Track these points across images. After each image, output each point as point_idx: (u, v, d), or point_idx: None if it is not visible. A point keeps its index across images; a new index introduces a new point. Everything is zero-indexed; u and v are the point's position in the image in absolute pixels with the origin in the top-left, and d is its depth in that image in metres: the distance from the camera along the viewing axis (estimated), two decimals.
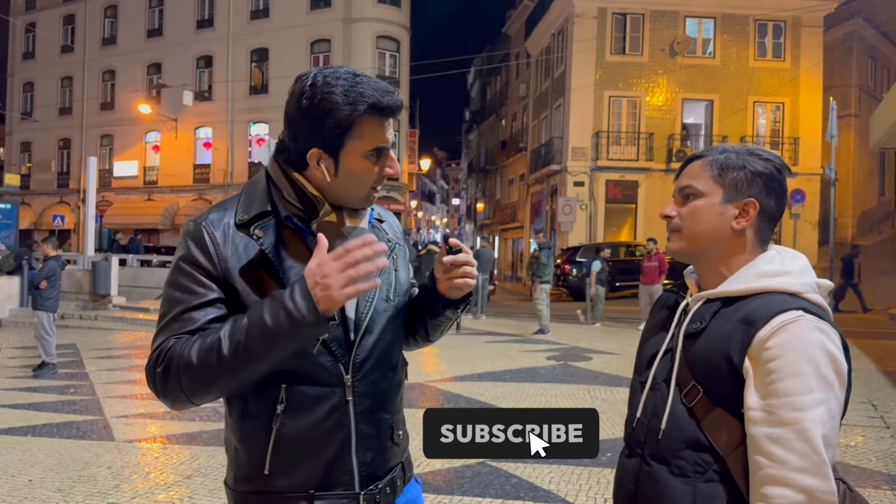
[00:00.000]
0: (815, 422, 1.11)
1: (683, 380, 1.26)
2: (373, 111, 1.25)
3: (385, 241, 1.43)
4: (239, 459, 1.32)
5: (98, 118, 32.03)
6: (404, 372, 1.49)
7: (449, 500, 4.06)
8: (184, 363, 1.19)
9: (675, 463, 1.24)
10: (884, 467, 4.72)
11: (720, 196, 1.31)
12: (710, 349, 1.23)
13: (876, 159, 29.98)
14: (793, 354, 1.14)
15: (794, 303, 1.20)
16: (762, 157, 1.33)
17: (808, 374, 1.13)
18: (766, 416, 1.14)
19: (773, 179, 1.32)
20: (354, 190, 1.32)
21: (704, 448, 1.21)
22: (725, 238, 1.31)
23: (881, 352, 9.92)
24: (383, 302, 1.37)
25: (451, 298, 1.40)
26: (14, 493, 4.22)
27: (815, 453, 1.10)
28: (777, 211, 1.33)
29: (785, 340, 1.15)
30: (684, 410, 1.24)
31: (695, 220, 1.32)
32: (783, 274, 1.25)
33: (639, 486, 1.30)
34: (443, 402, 6.70)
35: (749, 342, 1.18)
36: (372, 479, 1.34)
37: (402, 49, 27.25)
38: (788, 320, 1.17)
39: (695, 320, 1.29)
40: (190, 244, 1.28)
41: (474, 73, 47.62)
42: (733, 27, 23.25)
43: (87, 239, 17.50)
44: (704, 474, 1.21)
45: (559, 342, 10.80)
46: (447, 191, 79.20)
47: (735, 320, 1.22)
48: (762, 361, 1.16)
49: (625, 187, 23.22)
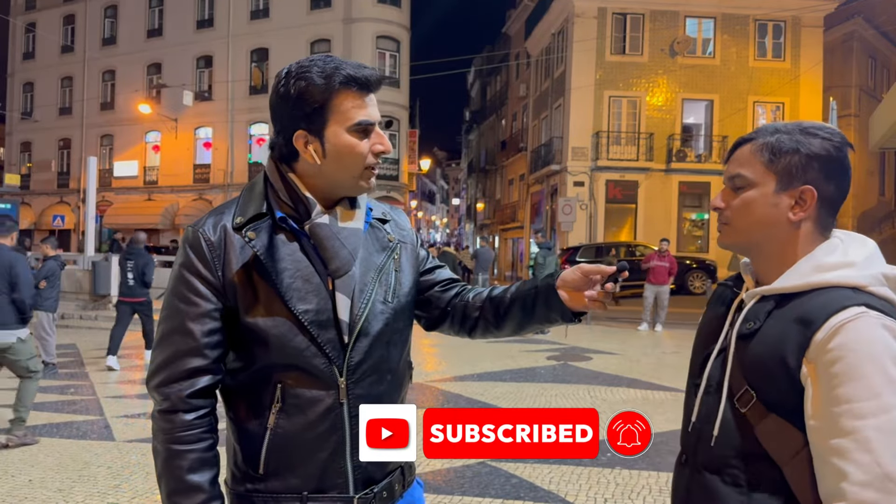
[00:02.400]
0: (879, 430, 1.00)
1: (736, 384, 1.16)
2: (350, 84, 1.26)
3: (386, 242, 1.42)
4: (236, 459, 1.34)
5: (98, 118, 32.02)
6: (409, 374, 1.47)
7: (449, 500, 4.06)
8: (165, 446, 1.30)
9: (727, 472, 1.15)
10: None
11: (773, 185, 1.18)
12: (764, 352, 1.13)
13: (876, 159, 29.97)
14: (853, 356, 1.03)
15: (856, 298, 1.08)
16: (819, 136, 1.18)
17: (871, 377, 1.02)
18: (827, 426, 1.04)
19: (831, 160, 1.17)
20: (346, 170, 1.31)
21: (759, 457, 1.12)
22: (781, 230, 1.19)
23: None
24: (380, 304, 1.35)
25: (575, 309, 1.39)
26: (14, 493, 4.22)
27: (877, 465, 0.99)
28: (840, 196, 1.19)
29: (845, 341, 1.04)
30: (737, 417, 1.15)
31: (746, 213, 1.21)
32: (845, 266, 1.13)
33: (689, 495, 1.23)
34: (443, 402, 6.70)
35: (806, 345, 1.08)
36: (368, 482, 1.33)
37: (402, 49, 27.24)
38: (848, 318, 1.05)
39: (748, 320, 1.18)
40: (188, 251, 1.30)
41: (474, 73, 47.61)
42: (733, 27, 23.25)
43: (87, 239, 17.50)
44: (759, 484, 1.12)
45: (559, 342, 10.80)
46: (447, 191, 79.18)
47: (790, 320, 1.11)
48: (822, 365, 1.05)
49: (625, 187, 23.21)
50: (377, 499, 1.34)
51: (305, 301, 1.28)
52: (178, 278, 1.30)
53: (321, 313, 1.28)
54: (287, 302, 1.26)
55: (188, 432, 1.27)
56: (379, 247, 1.41)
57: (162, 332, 1.30)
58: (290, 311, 1.26)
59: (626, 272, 1.33)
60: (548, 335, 11.61)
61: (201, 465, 1.27)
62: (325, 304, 1.29)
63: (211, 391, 1.31)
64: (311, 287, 1.29)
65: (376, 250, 1.40)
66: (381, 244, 1.42)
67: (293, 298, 1.27)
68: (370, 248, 1.39)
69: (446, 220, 76.63)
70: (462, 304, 1.51)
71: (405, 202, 28.54)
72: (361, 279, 1.34)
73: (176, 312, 1.28)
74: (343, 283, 1.31)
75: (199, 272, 1.28)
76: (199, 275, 1.28)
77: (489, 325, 1.49)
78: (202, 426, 1.28)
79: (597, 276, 1.34)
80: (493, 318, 1.48)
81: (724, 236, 1.27)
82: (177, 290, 1.29)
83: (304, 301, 1.28)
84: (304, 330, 1.27)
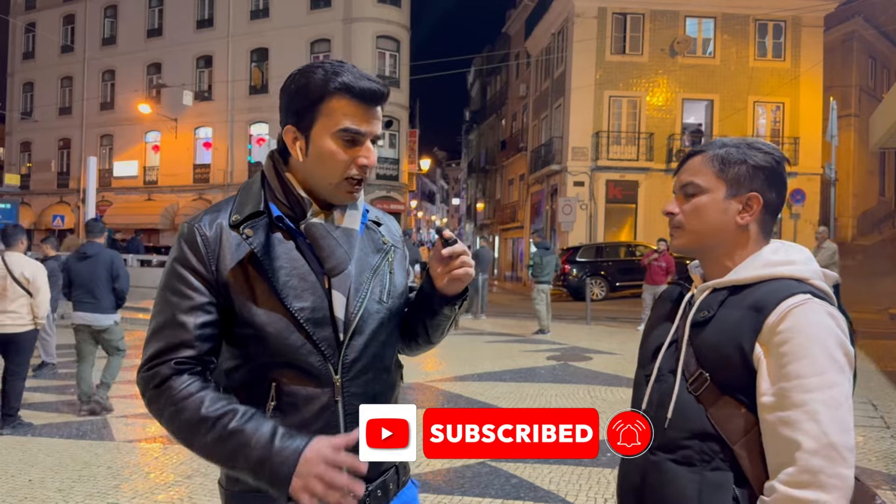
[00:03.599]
0: (825, 403, 1.10)
1: (690, 369, 1.25)
2: (345, 91, 1.26)
3: (380, 244, 1.44)
4: None
5: (98, 118, 32.03)
6: (399, 374, 1.49)
7: (449, 500, 4.06)
8: (170, 412, 1.23)
9: (680, 452, 1.23)
10: (884, 467, 4.72)
11: (723, 192, 1.31)
12: (720, 337, 1.22)
13: (876, 159, 29.98)
14: (802, 337, 1.14)
15: (802, 287, 1.21)
16: (763, 150, 1.32)
17: (818, 356, 1.13)
18: (778, 401, 1.13)
19: (774, 172, 1.32)
20: (325, 176, 1.31)
21: (711, 437, 1.20)
22: (730, 233, 1.31)
23: (881, 352, 9.92)
24: (375, 303, 1.37)
25: (450, 294, 1.39)
26: (14, 493, 4.22)
27: (824, 435, 1.09)
28: (779, 203, 1.33)
29: (794, 323, 1.15)
30: (691, 399, 1.24)
31: (698, 217, 1.32)
32: (789, 263, 1.26)
33: (645, 478, 1.28)
34: (443, 402, 6.70)
35: (759, 328, 1.18)
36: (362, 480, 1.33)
37: (402, 49, 27.24)
38: (796, 303, 1.17)
39: (702, 309, 1.28)
40: (183, 246, 1.30)
41: (474, 73, 47.61)
42: (733, 27, 23.25)
43: None
44: (711, 462, 1.20)
45: (559, 342, 10.80)
46: (447, 191, 79.19)
47: (744, 308, 1.22)
48: (773, 346, 1.16)
49: (625, 187, 23.21)
50: (371, 497, 1.34)
51: (301, 299, 1.28)
52: (170, 272, 1.30)
53: (317, 311, 1.29)
54: (283, 299, 1.27)
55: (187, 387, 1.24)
56: (374, 248, 1.42)
57: (154, 326, 1.30)
58: (286, 308, 1.27)
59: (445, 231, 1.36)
60: (548, 335, 11.62)
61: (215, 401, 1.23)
62: (321, 303, 1.30)
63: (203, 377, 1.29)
64: (307, 285, 1.29)
65: (371, 251, 1.41)
66: (376, 246, 1.43)
67: (289, 296, 1.27)
68: (366, 248, 1.40)
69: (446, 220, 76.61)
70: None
71: (405, 202, 28.54)
72: (357, 278, 1.35)
73: (168, 306, 1.28)
74: (339, 282, 1.32)
75: (193, 266, 1.28)
76: (192, 269, 1.28)
77: (406, 336, 1.51)
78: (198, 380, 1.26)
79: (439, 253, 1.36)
80: (408, 327, 1.50)
81: (677, 239, 1.37)
82: (169, 283, 1.29)
83: (299, 299, 1.28)
84: (299, 327, 1.27)
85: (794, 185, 21.56)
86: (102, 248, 6.28)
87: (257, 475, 1.17)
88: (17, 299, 5.58)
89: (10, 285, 5.57)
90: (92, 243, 6.23)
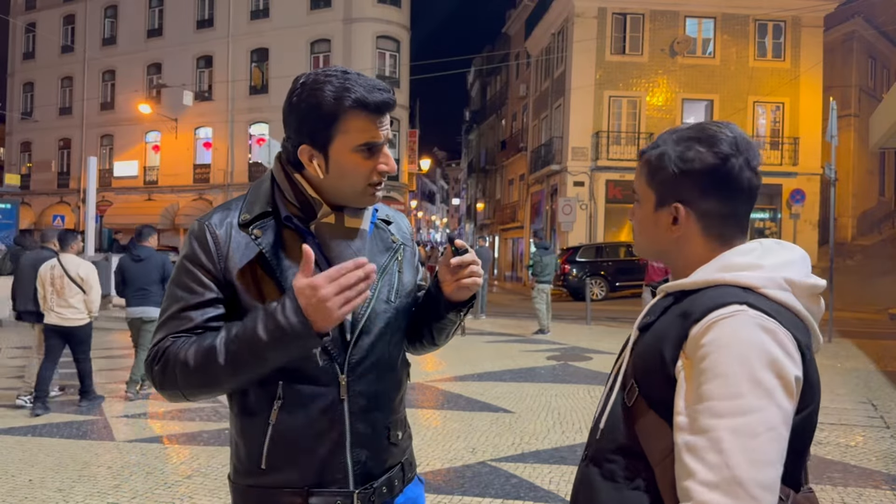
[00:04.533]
0: (734, 432, 0.94)
1: (626, 378, 1.13)
2: (359, 106, 1.26)
3: (389, 243, 1.45)
4: (239, 453, 1.36)
5: (98, 118, 32.03)
6: (406, 373, 1.50)
7: (449, 500, 4.06)
8: (180, 364, 1.23)
9: (607, 466, 1.12)
10: (884, 467, 4.72)
11: (653, 202, 1.17)
12: (649, 345, 1.09)
13: (876, 159, 29.97)
14: (721, 353, 0.98)
15: (741, 297, 1.03)
16: (697, 147, 1.11)
17: (735, 377, 0.96)
18: (688, 423, 0.99)
19: (704, 175, 1.10)
20: (348, 186, 1.32)
21: (635, 454, 1.08)
22: (669, 246, 1.17)
23: (881, 352, 9.92)
24: (383, 303, 1.38)
25: (456, 301, 1.41)
26: (14, 493, 4.22)
27: (726, 467, 0.93)
28: (725, 207, 1.12)
29: (716, 337, 0.99)
30: (623, 411, 1.12)
31: (638, 229, 1.22)
32: (750, 268, 1.08)
33: (579, 488, 1.19)
34: (443, 401, 6.70)
35: (684, 338, 1.04)
36: (367, 477, 1.35)
37: (402, 49, 27.24)
38: (724, 315, 1.01)
39: (648, 314, 1.15)
40: (193, 243, 1.32)
41: (474, 73, 47.61)
42: (733, 27, 23.25)
43: (87, 239, 17.49)
44: (633, 481, 1.08)
45: (559, 342, 10.80)
46: (447, 191, 79.19)
47: (676, 315, 1.08)
48: (695, 361, 1.01)
49: (625, 187, 23.19)
50: (377, 494, 1.36)
51: None
52: (180, 268, 1.32)
53: None
54: None
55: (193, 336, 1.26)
56: (383, 247, 1.43)
57: (161, 319, 1.32)
58: None
59: (457, 240, 1.37)
60: (548, 335, 11.62)
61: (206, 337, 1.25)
62: None
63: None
64: None
65: (380, 250, 1.42)
66: (385, 245, 1.44)
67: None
68: (375, 248, 1.41)
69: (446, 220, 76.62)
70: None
71: (405, 202, 28.55)
72: None
73: (176, 300, 1.30)
74: None
75: (203, 263, 1.30)
76: (201, 266, 1.30)
77: (411, 336, 1.52)
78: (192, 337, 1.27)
79: (448, 260, 1.38)
80: (414, 328, 1.50)
81: (635, 247, 1.28)
82: (179, 279, 1.32)
83: None
84: None
85: (794, 185, 21.61)
86: (153, 251, 7.04)
87: (287, 347, 1.17)
88: (74, 296, 6.34)
89: (67, 284, 6.29)
90: (143, 247, 6.98)
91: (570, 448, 5.10)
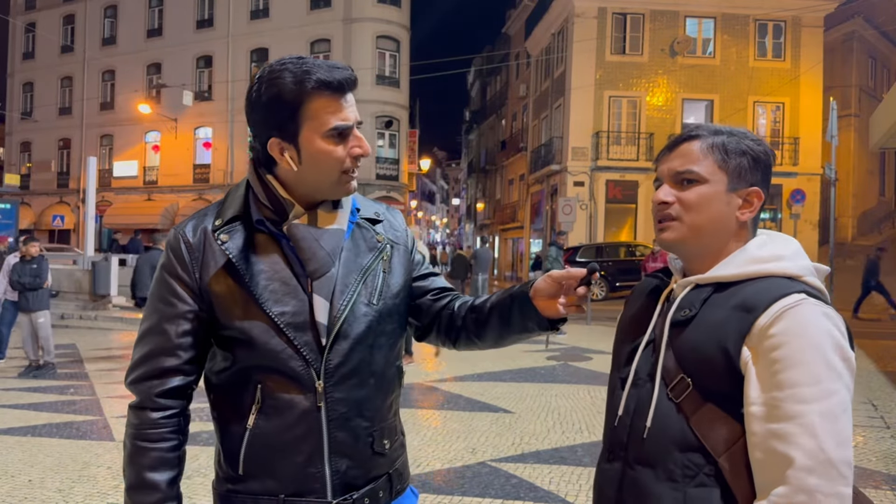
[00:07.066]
0: (822, 415, 1.00)
1: (670, 373, 1.14)
2: (322, 87, 1.23)
3: (374, 243, 1.39)
4: (219, 459, 1.36)
5: (98, 118, 32.03)
6: (398, 380, 1.43)
7: (449, 500, 4.06)
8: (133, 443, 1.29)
9: (661, 466, 1.11)
10: (884, 467, 4.72)
11: (725, 184, 1.18)
12: (702, 339, 1.11)
13: (876, 159, 29.98)
14: (797, 341, 1.03)
15: (794, 286, 1.10)
16: (758, 143, 1.22)
17: (814, 363, 1.02)
18: (769, 411, 1.03)
19: (768, 167, 1.22)
20: (324, 175, 1.28)
21: (694, 448, 1.09)
22: (729, 227, 1.19)
23: (881, 352, 9.92)
24: (363, 306, 1.32)
25: (551, 317, 1.35)
26: (14, 493, 4.22)
27: (821, 451, 0.99)
28: (767, 199, 1.25)
29: (787, 326, 1.05)
30: (671, 407, 1.12)
31: (699, 209, 1.18)
32: (777, 259, 1.15)
33: (622, 492, 1.17)
34: (443, 402, 6.70)
35: (748, 331, 1.07)
36: (348, 488, 1.30)
37: (402, 49, 27.24)
38: (790, 304, 1.06)
39: (683, 307, 1.16)
40: (169, 253, 1.31)
41: (474, 73, 47.62)
42: (733, 27, 23.25)
43: (87, 239, 17.50)
44: (695, 478, 1.09)
45: (559, 342, 10.80)
46: (447, 191, 79.21)
47: (730, 307, 1.11)
48: (763, 351, 1.05)
49: (625, 187, 23.22)
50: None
51: (281, 303, 1.26)
52: (158, 280, 1.32)
53: (297, 315, 1.26)
54: (262, 304, 1.25)
55: (153, 430, 1.28)
56: (366, 247, 1.37)
57: (141, 332, 1.32)
58: (266, 313, 1.25)
59: (596, 273, 1.30)
60: (548, 335, 11.61)
61: (161, 464, 1.28)
62: (303, 307, 1.27)
63: (182, 392, 1.32)
64: (289, 289, 1.27)
65: (363, 251, 1.36)
66: (369, 244, 1.38)
67: (269, 301, 1.26)
68: (356, 248, 1.36)
69: (446, 220, 76.63)
70: (448, 314, 1.48)
71: (405, 202, 28.54)
72: (343, 280, 1.30)
73: (154, 312, 1.30)
74: (320, 285, 1.28)
75: (178, 274, 1.29)
76: (176, 276, 1.29)
77: (471, 335, 1.45)
78: (168, 426, 1.30)
79: (569, 281, 1.31)
80: (473, 328, 1.44)
81: (671, 232, 1.21)
82: (157, 290, 1.31)
83: (279, 303, 1.26)
84: (279, 332, 1.25)
85: (795, 185, 21.60)
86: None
87: None
88: None
89: None
90: (160, 251, 7.79)
91: (571, 448, 5.10)
